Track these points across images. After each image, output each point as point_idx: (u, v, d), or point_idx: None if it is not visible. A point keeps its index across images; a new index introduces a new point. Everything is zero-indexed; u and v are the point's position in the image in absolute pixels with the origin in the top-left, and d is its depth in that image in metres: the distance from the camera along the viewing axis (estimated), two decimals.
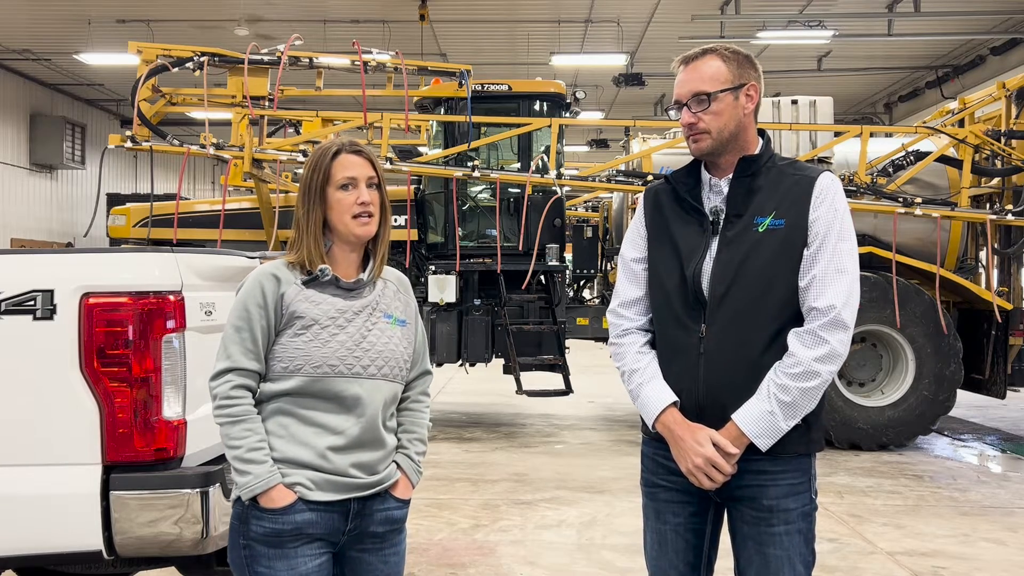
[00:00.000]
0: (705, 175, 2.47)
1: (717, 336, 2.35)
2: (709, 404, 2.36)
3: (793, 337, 2.32)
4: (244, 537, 2.27)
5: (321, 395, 2.28)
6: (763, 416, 2.29)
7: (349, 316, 2.33)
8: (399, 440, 2.45)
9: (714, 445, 2.31)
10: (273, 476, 2.23)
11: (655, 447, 2.49)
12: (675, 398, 2.39)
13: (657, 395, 2.41)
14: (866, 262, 8.94)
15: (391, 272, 2.50)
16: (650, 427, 2.45)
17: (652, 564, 2.55)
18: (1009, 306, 8.97)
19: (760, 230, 2.35)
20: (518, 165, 9.85)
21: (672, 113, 2.48)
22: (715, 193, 2.44)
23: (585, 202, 13.12)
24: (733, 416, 2.32)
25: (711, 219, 2.41)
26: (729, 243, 2.37)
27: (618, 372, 2.55)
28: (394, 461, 2.41)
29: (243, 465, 2.23)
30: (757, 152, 2.44)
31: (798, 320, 2.35)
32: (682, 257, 2.41)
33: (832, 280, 2.31)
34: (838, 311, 2.29)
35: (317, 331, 2.28)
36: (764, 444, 2.31)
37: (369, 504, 2.34)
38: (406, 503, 2.43)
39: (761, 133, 2.48)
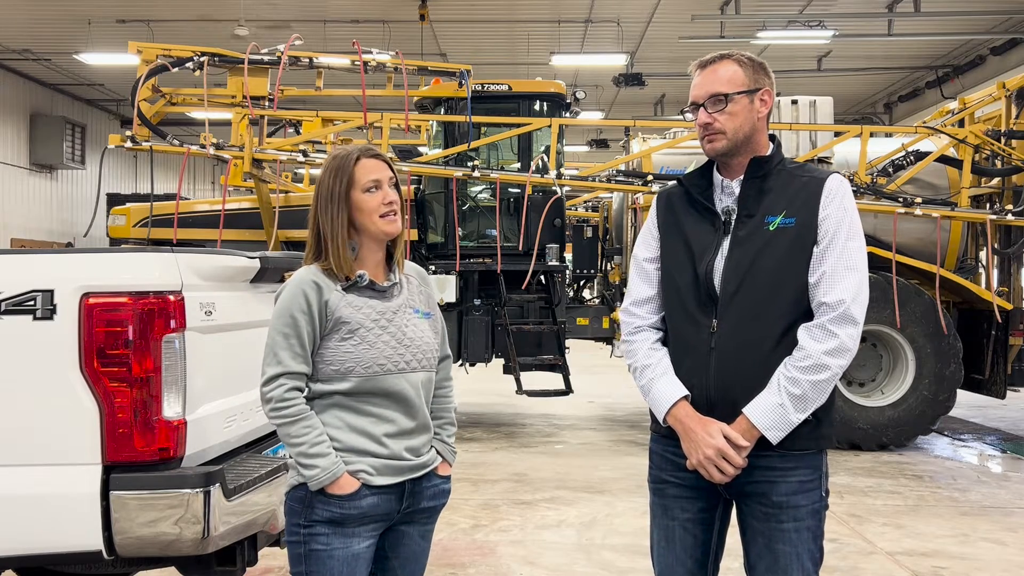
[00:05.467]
0: (717, 176, 2.53)
1: (728, 332, 2.40)
2: (720, 399, 2.40)
3: (803, 331, 2.37)
4: (306, 519, 2.41)
5: (376, 392, 2.45)
6: (773, 409, 2.33)
7: (389, 316, 2.49)
8: (432, 427, 2.61)
9: (725, 438, 2.35)
10: (338, 466, 2.39)
11: (664, 444, 2.54)
12: (686, 392, 2.44)
13: (668, 390, 2.46)
14: None
15: (410, 266, 2.66)
16: (661, 421, 2.48)
17: (659, 561, 2.57)
18: (1009, 306, 8.97)
19: (771, 229, 2.40)
20: (518, 165, 9.85)
21: (688, 115, 2.54)
22: (727, 194, 2.50)
23: (585, 202, 13.11)
24: (744, 409, 2.36)
25: (723, 219, 2.47)
26: (741, 242, 2.42)
27: (629, 369, 2.59)
28: (431, 446, 2.59)
29: (308, 460, 2.38)
30: (768, 154, 2.49)
31: (808, 317, 2.39)
32: (694, 255, 2.47)
33: (841, 276, 2.36)
34: (847, 306, 2.33)
35: (364, 334, 2.44)
36: (775, 437, 2.34)
37: (419, 483, 2.52)
38: (449, 479, 2.64)
39: (772, 138, 2.54)
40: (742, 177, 2.47)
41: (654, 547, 2.59)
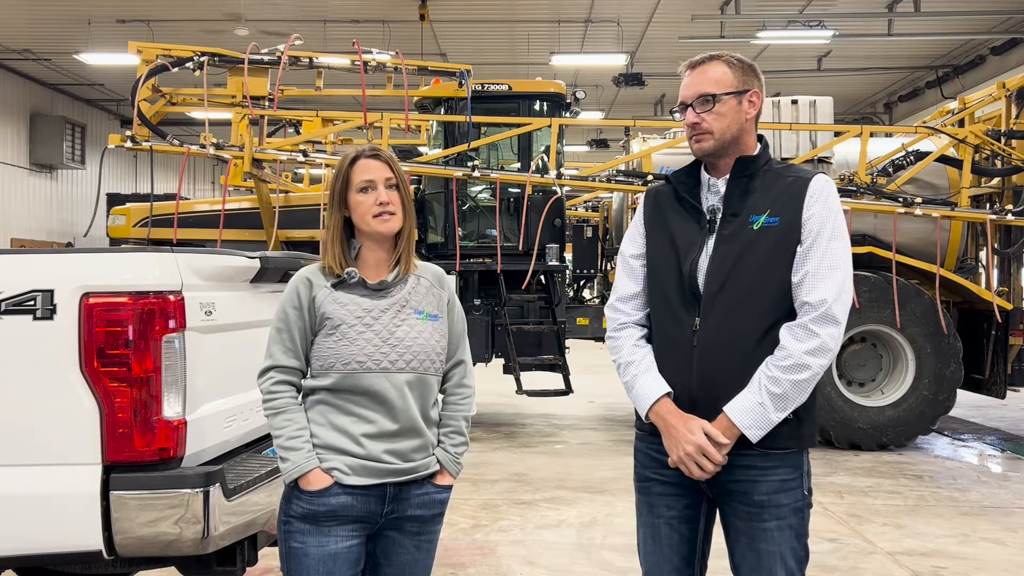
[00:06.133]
0: (704, 175, 2.55)
1: (711, 330, 2.41)
2: (702, 397, 2.42)
3: (785, 331, 2.38)
4: (285, 514, 2.47)
5: (354, 390, 2.44)
6: (754, 407, 2.35)
7: (376, 314, 2.47)
8: (438, 435, 2.58)
9: (706, 435, 2.37)
10: (309, 462, 2.42)
11: (648, 442, 2.55)
12: (669, 389, 2.46)
13: (651, 386, 2.48)
14: (866, 262, 8.94)
15: (427, 268, 2.64)
16: (643, 417, 2.51)
17: (646, 560, 2.58)
18: (1009, 306, 8.97)
19: (755, 228, 2.42)
20: (518, 165, 9.85)
21: (677, 115, 2.55)
22: (713, 193, 2.52)
23: (585, 202, 13.12)
24: (724, 408, 2.38)
25: (708, 217, 2.49)
26: (725, 241, 2.44)
27: (614, 365, 2.61)
28: (433, 454, 2.55)
29: (284, 452, 2.43)
30: (755, 154, 2.51)
31: (791, 316, 2.41)
32: (679, 253, 2.48)
33: (824, 276, 2.37)
34: (829, 305, 2.35)
35: (345, 331, 2.45)
36: (754, 435, 2.36)
37: (406, 489, 2.49)
38: (447, 489, 2.57)
39: (760, 139, 2.56)
40: (728, 176, 2.49)
41: (641, 546, 2.60)
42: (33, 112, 19.81)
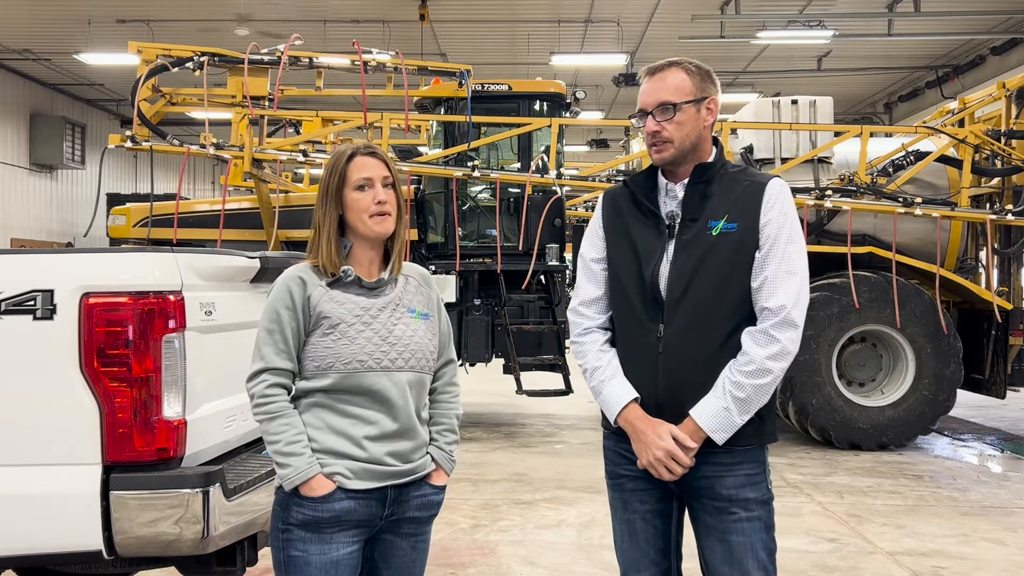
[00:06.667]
0: (662, 180, 2.58)
1: (675, 336, 2.46)
2: (668, 401, 2.47)
3: (746, 336, 2.43)
4: (283, 522, 2.40)
5: (354, 390, 2.39)
6: (719, 412, 2.41)
7: (374, 313, 2.44)
8: (431, 432, 2.56)
9: (673, 439, 2.42)
10: (312, 467, 2.35)
11: (616, 440, 2.62)
12: (636, 394, 2.51)
13: (619, 391, 2.53)
14: (866, 262, 8.94)
15: (412, 267, 2.61)
16: (612, 422, 2.56)
17: (623, 555, 2.64)
18: (1009, 306, 8.97)
19: (714, 234, 2.46)
20: (518, 165, 9.85)
21: (635, 121, 2.57)
22: (671, 198, 2.55)
23: (585, 202, 13.10)
24: (691, 412, 2.43)
25: (667, 223, 2.52)
26: (685, 246, 2.48)
27: (580, 369, 2.66)
28: (428, 453, 2.52)
29: (283, 458, 2.35)
30: (711, 160, 2.54)
31: (752, 320, 2.46)
32: (641, 259, 2.52)
33: (783, 281, 2.42)
34: (788, 311, 2.41)
35: (344, 329, 2.39)
36: (720, 438, 2.42)
37: (405, 491, 2.46)
38: (442, 489, 2.55)
39: (715, 143, 2.59)
40: (686, 181, 2.52)
41: (617, 542, 2.66)
42: (33, 112, 19.81)
